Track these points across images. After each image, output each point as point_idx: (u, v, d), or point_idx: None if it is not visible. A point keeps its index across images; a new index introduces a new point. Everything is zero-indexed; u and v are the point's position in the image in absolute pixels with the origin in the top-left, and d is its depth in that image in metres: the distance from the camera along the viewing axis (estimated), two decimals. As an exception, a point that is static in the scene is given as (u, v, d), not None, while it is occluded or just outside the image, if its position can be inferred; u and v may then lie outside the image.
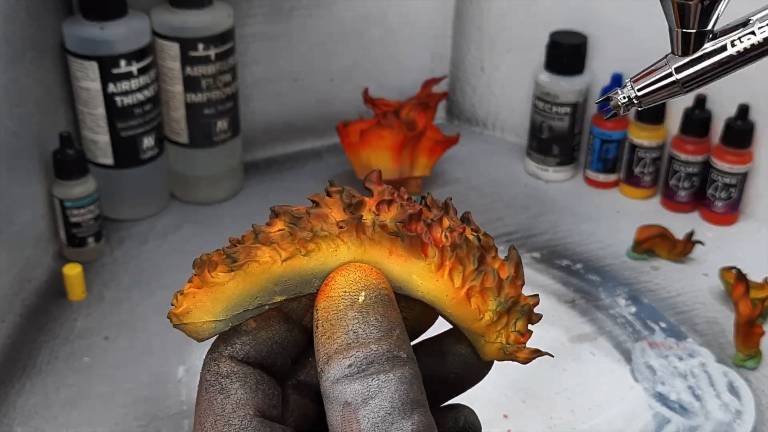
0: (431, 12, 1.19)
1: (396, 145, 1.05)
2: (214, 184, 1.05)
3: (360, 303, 0.31)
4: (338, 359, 0.30)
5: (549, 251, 0.99)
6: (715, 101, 1.00)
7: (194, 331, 0.32)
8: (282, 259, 0.31)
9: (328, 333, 0.30)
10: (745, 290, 0.84)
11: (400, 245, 0.31)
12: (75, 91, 0.94)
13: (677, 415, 0.78)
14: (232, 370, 0.32)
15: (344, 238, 0.31)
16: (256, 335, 0.33)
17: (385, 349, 0.30)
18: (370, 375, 0.29)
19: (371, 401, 0.29)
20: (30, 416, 0.76)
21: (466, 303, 0.32)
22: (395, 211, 0.32)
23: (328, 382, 0.30)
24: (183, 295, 0.32)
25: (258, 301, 0.32)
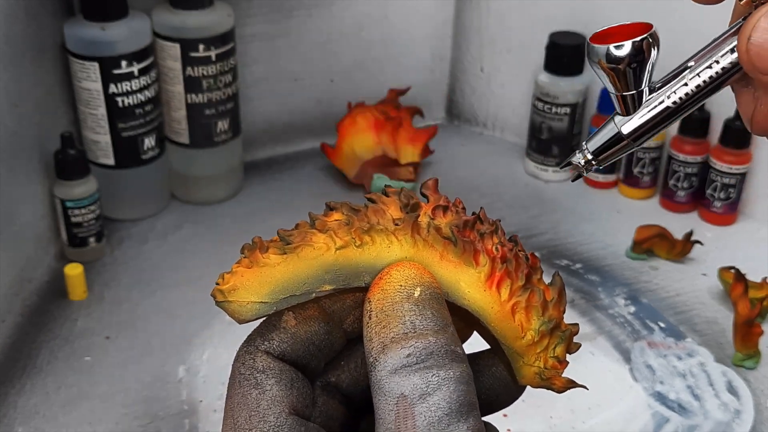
0: (431, 12, 1.19)
1: (371, 125, 1.10)
2: (215, 184, 1.05)
3: (416, 297, 0.30)
4: (396, 348, 0.29)
5: (549, 251, 0.99)
6: (714, 101, 1.00)
7: (237, 311, 0.32)
8: (336, 246, 0.31)
9: (384, 323, 0.30)
10: (744, 290, 0.84)
11: (452, 250, 0.31)
12: (76, 92, 0.95)
13: (676, 414, 0.78)
14: (268, 365, 0.31)
15: (399, 236, 0.31)
16: (295, 334, 0.32)
17: (443, 343, 0.29)
18: (429, 368, 0.28)
19: (429, 398, 0.28)
20: (30, 416, 0.76)
21: (511, 318, 0.32)
22: (451, 216, 0.32)
23: (383, 371, 0.29)
24: (230, 273, 0.32)
25: (306, 287, 0.31)
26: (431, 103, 1.24)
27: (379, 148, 1.11)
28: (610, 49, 0.31)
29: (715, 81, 0.32)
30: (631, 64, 0.31)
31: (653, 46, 0.32)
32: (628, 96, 0.32)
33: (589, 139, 0.35)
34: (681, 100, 0.32)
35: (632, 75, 0.32)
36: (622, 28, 0.32)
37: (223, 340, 0.85)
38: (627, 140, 0.33)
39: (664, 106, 0.32)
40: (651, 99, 0.33)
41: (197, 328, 0.86)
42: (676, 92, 0.32)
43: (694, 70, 0.32)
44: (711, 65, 0.31)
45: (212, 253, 0.96)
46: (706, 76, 0.32)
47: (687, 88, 0.32)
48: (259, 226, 1.01)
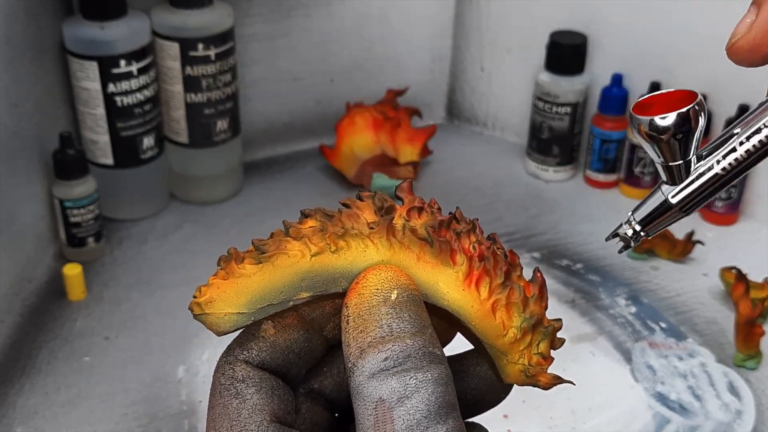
0: (431, 12, 1.19)
1: (369, 125, 1.10)
2: (214, 184, 1.05)
3: (393, 300, 0.30)
4: (373, 353, 0.29)
5: (549, 251, 0.99)
6: (715, 101, 1.00)
7: (215, 323, 0.32)
8: (311, 253, 0.31)
9: (361, 327, 0.30)
10: (745, 290, 0.84)
11: (429, 251, 0.31)
12: (75, 91, 0.94)
13: (677, 415, 0.78)
14: (247, 374, 0.31)
15: (374, 239, 0.31)
16: (274, 342, 0.32)
17: (421, 345, 0.29)
18: (407, 371, 0.28)
19: (407, 401, 0.28)
20: (30, 416, 0.76)
21: (491, 316, 0.31)
22: (426, 217, 0.32)
23: (362, 376, 0.29)
24: (207, 285, 0.32)
25: (283, 295, 0.31)
26: (431, 103, 1.24)
27: (378, 148, 1.11)
28: (654, 120, 0.30)
29: (764, 146, 0.31)
30: (677, 134, 0.30)
31: (700, 115, 0.31)
32: (674, 166, 0.32)
33: (635, 209, 0.34)
34: (731, 166, 0.31)
35: (678, 145, 0.31)
36: (666, 96, 0.31)
37: (222, 341, 0.84)
38: (676, 209, 0.33)
39: (713, 173, 0.32)
40: (699, 167, 0.32)
41: (197, 328, 0.86)
42: (726, 158, 0.31)
43: (741, 135, 0.31)
44: (759, 129, 0.31)
45: (212, 253, 0.95)
46: (756, 141, 0.31)
47: (736, 153, 0.31)
48: (259, 226, 1.01)
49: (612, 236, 0.35)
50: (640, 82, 1.05)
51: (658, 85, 1.03)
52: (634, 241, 0.34)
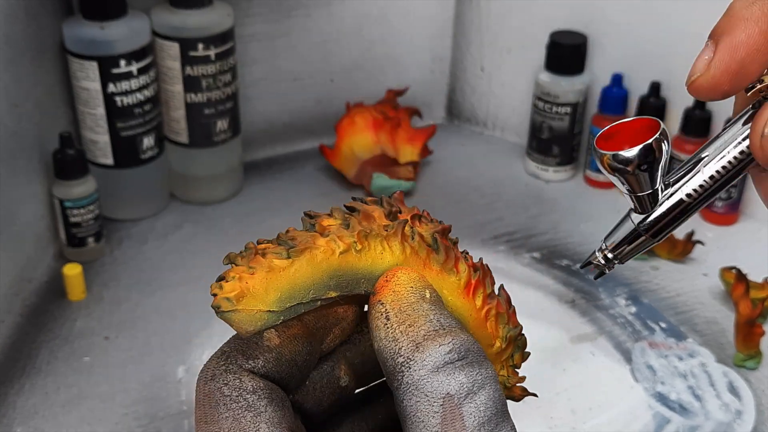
0: (431, 12, 1.19)
1: (369, 125, 1.10)
2: (214, 184, 1.05)
3: (428, 298, 0.29)
4: (434, 345, 0.27)
5: (549, 251, 0.99)
6: (715, 101, 1.00)
7: (245, 321, 0.29)
8: (340, 250, 0.30)
9: (408, 321, 0.28)
10: (745, 290, 0.84)
11: (435, 258, 0.31)
12: (75, 91, 0.94)
13: (677, 415, 0.78)
14: (257, 385, 0.29)
15: (390, 242, 0.31)
16: (280, 353, 0.30)
17: (474, 340, 0.28)
18: (471, 365, 0.27)
19: (476, 397, 0.27)
20: (30, 416, 0.76)
21: (484, 325, 0.32)
22: (428, 225, 0.32)
23: (422, 370, 0.27)
24: (229, 280, 0.29)
25: (313, 293, 0.30)
26: (431, 103, 1.24)
27: (378, 148, 1.11)
28: (619, 154, 0.30)
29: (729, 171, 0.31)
30: (641, 166, 0.30)
31: (663, 143, 0.31)
32: (642, 196, 0.32)
33: (607, 237, 0.34)
34: (696, 192, 0.32)
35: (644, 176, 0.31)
36: (628, 126, 0.31)
37: (222, 341, 0.84)
38: (645, 236, 0.33)
39: (678, 199, 0.32)
40: (666, 194, 0.32)
41: (197, 328, 0.86)
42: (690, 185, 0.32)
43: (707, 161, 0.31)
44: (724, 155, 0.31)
45: (212, 253, 0.96)
46: (719, 166, 0.31)
47: (701, 178, 0.31)
48: (259, 226, 1.01)
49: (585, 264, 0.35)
50: (640, 82, 1.05)
51: (658, 85, 1.03)
52: (608, 269, 0.35)
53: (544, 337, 0.85)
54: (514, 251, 0.99)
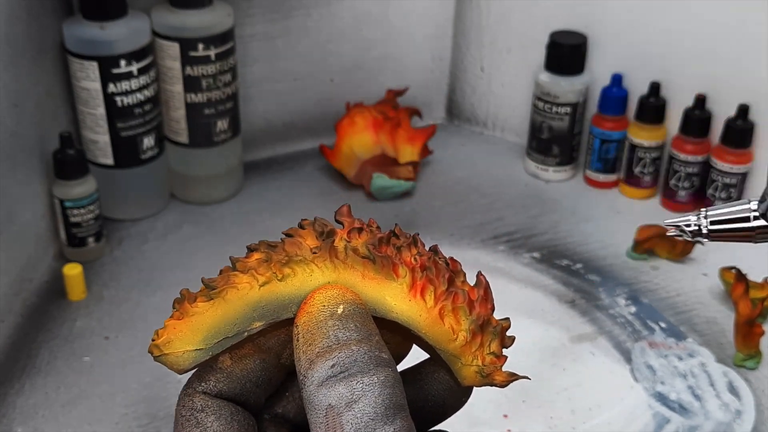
0: (431, 12, 1.19)
1: (369, 125, 1.10)
2: (214, 184, 1.05)
3: (339, 314, 0.31)
4: (321, 361, 0.30)
5: (549, 251, 0.99)
6: (715, 101, 1.00)
7: (175, 362, 0.33)
8: (259, 284, 0.32)
9: (309, 341, 0.31)
10: (745, 290, 0.84)
11: (372, 267, 0.32)
12: (75, 91, 0.94)
13: (677, 414, 0.78)
14: (206, 404, 0.32)
15: (318, 263, 0.32)
16: (231, 372, 0.33)
17: (366, 349, 0.30)
18: (354, 375, 0.29)
19: (355, 405, 0.29)
20: (30, 416, 0.76)
21: (440, 323, 0.32)
22: (366, 236, 0.33)
23: (312, 386, 0.30)
24: (163, 328, 0.33)
25: (237, 327, 0.32)
26: (431, 103, 1.24)
27: (378, 148, 1.11)
28: None
29: None
30: None
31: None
32: None
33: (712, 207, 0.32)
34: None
35: None
36: None
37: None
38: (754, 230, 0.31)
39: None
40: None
41: (197, 329, 0.86)
42: None
43: None
44: None
45: (212, 253, 0.96)
46: None
47: None
48: (259, 226, 1.01)
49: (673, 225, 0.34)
50: (640, 82, 1.05)
51: (658, 85, 1.03)
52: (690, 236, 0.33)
53: (544, 337, 0.85)
54: (514, 251, 0.99)
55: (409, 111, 1.15)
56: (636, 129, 1.05)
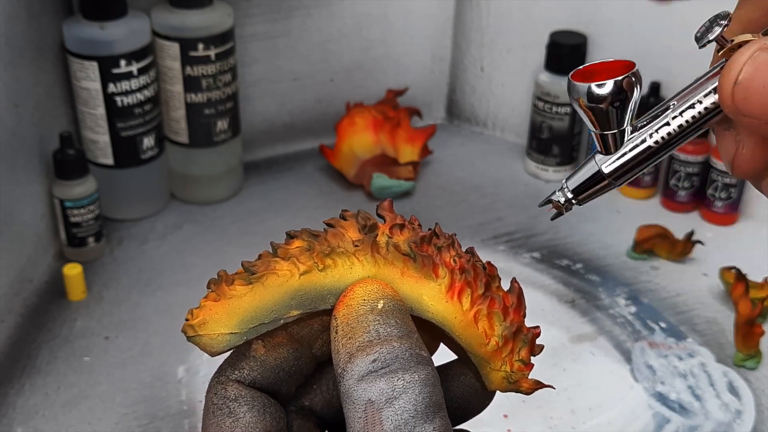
0: (431, 12, 1.19)
1: (369, 125, 1.10)
2: (214, 184, 1.05)
3: (379, 309, 0.31)
4: (362, 356, 0.30)
5: (549, 251, 0.99)
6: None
7: (208, 344, 0.33)
8: (300, 272, 0.32)
9: (349, 334, 0.30)
10: (745, 290, 0.84)
11: (412, 266, 0.32)
12: (75, 91, 0.94)
13: (677, 414, 0.78)
14: (239, 393, 0.32)
15: (359, 256, 0.32)
16: (264, 361, 0.33)
17: (407, 346, 0.30)
18: (395, 372, 0.29)
19: (395, 402, 0.29)
20: (30, 416, 0.76)
21: (474, 326, 0.33)
22: (408, 233, 0.33)
23: (351, 380, 0.29)
24: (199, 308, 0.33)
25: (274, 314, 0.32)
26: (431, 103, 1.24)
27: (378, 148, 1.11)
28: (591, 87, 0.31)
29: (697, 121, 0.31)
30: (614, 103, 0.31)
31: (636, 85, 0.31)
32: (609, 135, 0.32)
33: (569, 177, 0.34)
34: (663, 139, 0.32)
35: (614, 114, 0.31)
36: (604, 66, 0.32)
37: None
38: (608, 179, 0.33)
39: (645, 146, 0.32)
40: (632, 138, 0.32)
41: (197, 329, 0.86)
42: (658, 132, 0.32)
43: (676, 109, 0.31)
44: (693, 105, 0.31)
45: (212, 253, 0.96)
46: (689, 116, 0.31)
47: (669, 128, 0.31)
48: (259, 226, 1.01)
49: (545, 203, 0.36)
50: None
51: (658, 85, 1.03)
52: (566, 209, 0.35)
53: (543, 337, 0.85)
54: (514, 251, 0.99)
55: (409, 111, 1.15)
56: (636, 129, 1.05)
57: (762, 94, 0.28)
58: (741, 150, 0.31)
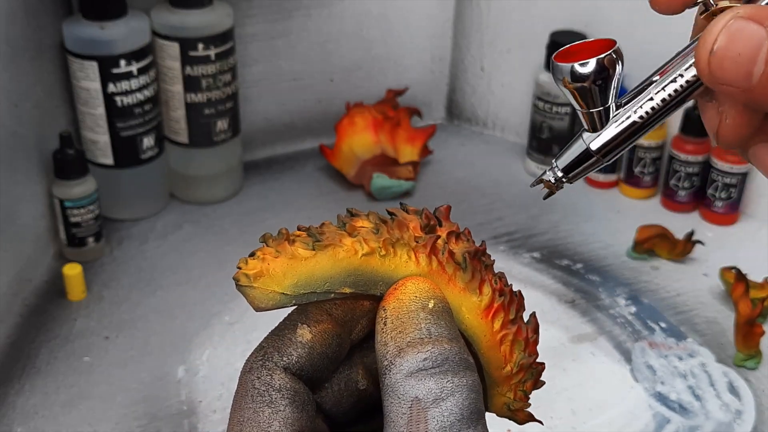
0: (431, 12, 1.19)
1: (369, 125, 1.10)
2: (214, 184, 1.05)
3: (430, 308, 0.31)
4: (413, 352, 0.29)
5: (549, 251, 0.99)
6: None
7: (257, 297, 0.31)
8: (363, 252, 0.32)
9: (399, 328, 0.30)
10: (745, 290, 0.84)
11: (461, 276, 0.33)
12: (75, 91, 0.94)
13: (677, 415, 0.78)
14: (284, 384, 0.31)
15: (418, 253, 0.32)
16: (312, 349, 0.32)
17: (457, 350, 0.30)
18: (445, 373, 0.29)
19: (443, 403, 0.29)
20: (30, 416, 0.76)
21: (497, 348, 0.33)
22: (463, 243, 0.33)
23: (399, 374, 0.29)
24: (254, 258, 0.32)
25: (327, 286, 0.32)
26: (431, 103, 1.24)
27: (378, 148, 1.11)
28: (574, 67, 0.31)
29: (680, 95, 0.32)
30: (596, 81, 0.31)
31: (617, 62, 0.32)
32: (594, 113, 0.33)
33: (558, 156, 0.35)
34: (647, 114, 0.32)
35: (598, 92, 0.32)
36: (586, 45, 0.32)
37: (222, 341, 0.85)
38: (596, 156, 0.33)
39: (630, 122, 0.32)
40: (618, 115, 0.33)
41: (197, 328, 0.86)
42: (643, 107, 0.32)
43: (659, 84, 0.32)
44: (675, 79, 0.32)
45: (212, 253, 0.96)
46: (671, 90, 0.32)
47: (653, 102, 0.32)
48: (259, 226, 1.01)
49: (536, 183, 0.37)
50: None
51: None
52: (557, 188, 0.36)
53: (544, 337, 0.85)
54: (514, 251, 0.99)
55: (409, 111, 1.15)
56: (636, 129, 1.05)
57: (737, 62, 0.28)
58: (724, 120, 0.31)
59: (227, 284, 0.91)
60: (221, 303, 0.89)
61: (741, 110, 0.30)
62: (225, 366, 0.82)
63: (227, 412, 0.77)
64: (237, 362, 0.82)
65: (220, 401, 0.78)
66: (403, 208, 0.34)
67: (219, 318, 0.87)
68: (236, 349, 0.83)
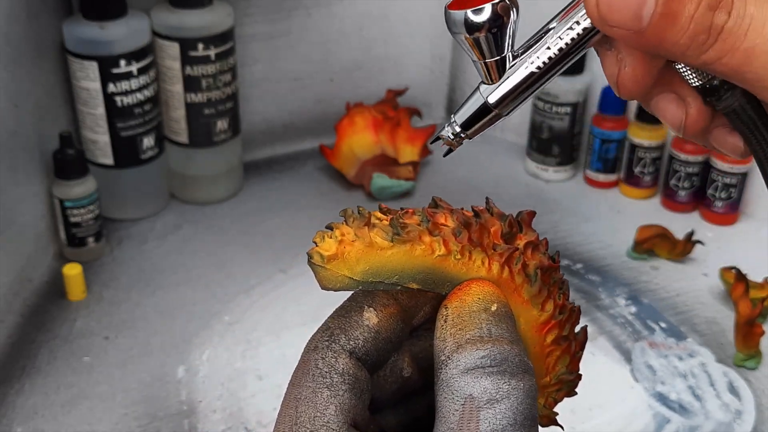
0: (431, 12, 1.19)
1: (369, 125, 1.10)
2: (214, 184, 1.05)
3: (493, 311, 0.31)
4: (472, 348, 0.29)
5: (549, 251, 0.98)
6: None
7: (326, 278, 0.32)
8: (438, 253, 0.32)
9: (459, 326, 0.30)
10: (745, 290, 0.84)
11: (527, 290, 0.32)
12: (75, 91, 0.94)
13: (677, 415, 0.78)
14: (348, 370, 0.31)
15: (492, 260, 0.32)
16: (378, 334, 0.32)
17: (517, 352, 0.29)
18: (502, 374, 0.29)
19: (497, 405, 0.28)
20: (30, 416, 0.76)
21: (543, 360, 0.34)
22: (538, 258, 0.33)
23: (455, 370, 0.29)
24: (332, 238, 0.32)
25: (396, 278, 0.32)
26: (431, 103, 1.24)
27: (378, 148, 1.11)
28: (468, 14, 0.30)
29: (576, 43, 0.31)
30: (491, 29, 0.30)
31: (512, 9, 0.30)
32: (490, 63, 0.31)
33: (456, 111, 0.34)
34: (545, 64, 0.31)
35: (493, 41, 0.31)
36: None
37: (222, 341, 0.85)
38: (495, 110, 0.33)
39: (528, 72, 0.31)
40: (514, 65, 0.32)
41: (197, 328, 0.86)
42: (540, 57, 0.31)
43: (555, 32, 0.31)
44: (572, 26, 0.30)
45: (212, 253, 0.96)
46: (568, 39, 0.31)
47: (550, 51, 0.31)
48: (259, 226, 1.01)
49: (435, 140, 0.36)
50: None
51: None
52: (457, 143, 0.35)
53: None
54: (514, 251, 0.98)
55: (409, 111, 1.15)
56: (636, 129, 1.05)
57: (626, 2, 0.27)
58: (623, 69, 0.30)
59: (227, 284, 0.92)
60: (221, 303, 0.89)
61: (639, 57, 0.29)
62: (225, 366, 0.82)
63: (227, 412, 0.77)
64: (237, 362, 0.82)
65: (220, 401, 0.78)
66: (488, 209, 0.34)
67: (219, 318, 0.87)
68: (236, 349, 0.83)
